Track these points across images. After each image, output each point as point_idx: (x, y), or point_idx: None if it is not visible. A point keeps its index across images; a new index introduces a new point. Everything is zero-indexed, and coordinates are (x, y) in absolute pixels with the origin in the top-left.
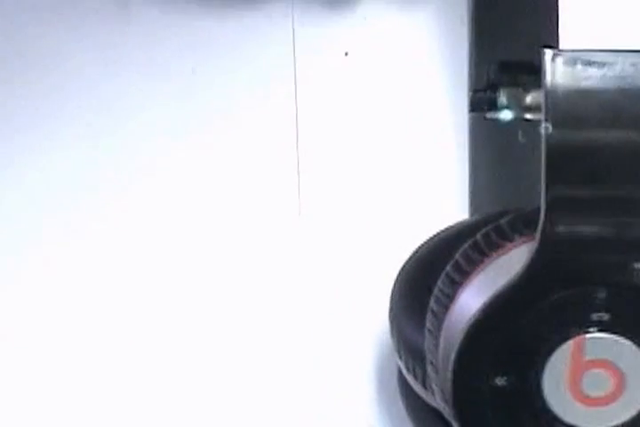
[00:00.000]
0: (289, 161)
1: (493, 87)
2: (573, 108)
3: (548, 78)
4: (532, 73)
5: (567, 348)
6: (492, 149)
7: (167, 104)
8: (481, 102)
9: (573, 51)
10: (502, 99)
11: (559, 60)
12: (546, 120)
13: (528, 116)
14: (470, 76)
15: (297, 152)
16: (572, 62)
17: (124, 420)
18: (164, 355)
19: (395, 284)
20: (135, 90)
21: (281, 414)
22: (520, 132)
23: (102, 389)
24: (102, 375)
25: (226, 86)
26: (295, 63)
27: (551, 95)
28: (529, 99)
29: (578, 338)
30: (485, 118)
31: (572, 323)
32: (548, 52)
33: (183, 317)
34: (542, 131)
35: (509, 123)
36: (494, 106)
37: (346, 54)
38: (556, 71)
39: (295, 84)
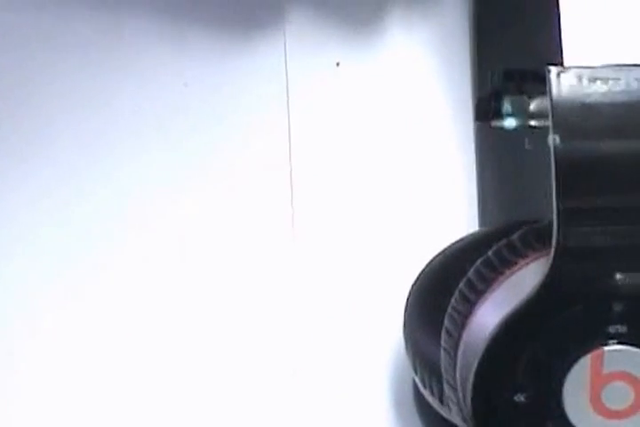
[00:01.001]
0: (282, 173)
1: (498, 95)
2: (580, 124)
3: (555, 95)
4: (536, 80)
5: (586, 361)
6: (499, 157)
7: (159, 117)
8: (486, 111)
9: (578, 67)
10: (507, 107)
11: (564, 76)
12: (554, 134)
13: (533, 123)
14: (474, 84)
15: (290, 165)
16: (577, 79)
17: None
18: (165, 375)
19: (408, 299)
20: (127, 103)
21: None
22: (526, 140)
23: (92, 407)
24: (94, 396)
25: (217, 99)
26: (287, 73)
27: (558, 112)
28: (533, 106)
29: (596, 351)
30: (491, 127)
31: (590, 336)
32: (554, 70)
33: (181, 339)
34: (550, 144)
35: (515, 130)
36: (499, 114)
37: (337, 65)
38: (562, 88)
39: (287, 94)
